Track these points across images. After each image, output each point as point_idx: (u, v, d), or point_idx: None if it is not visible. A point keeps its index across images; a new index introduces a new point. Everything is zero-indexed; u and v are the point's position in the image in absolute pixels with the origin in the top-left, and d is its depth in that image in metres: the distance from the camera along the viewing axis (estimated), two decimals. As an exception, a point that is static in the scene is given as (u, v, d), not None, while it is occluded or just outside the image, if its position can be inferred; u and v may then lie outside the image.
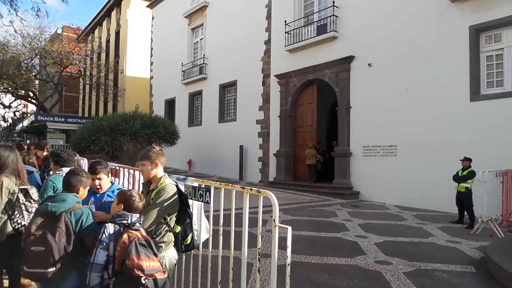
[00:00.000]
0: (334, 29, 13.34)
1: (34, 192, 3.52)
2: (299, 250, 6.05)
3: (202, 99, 20.84)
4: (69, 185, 2.78)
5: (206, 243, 3.21)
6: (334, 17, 13.34)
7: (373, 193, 12.07)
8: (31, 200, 3.48)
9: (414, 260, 5.74)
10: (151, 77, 26.10)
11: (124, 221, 2.48)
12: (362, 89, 12.55)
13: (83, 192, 2.88)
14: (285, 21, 15.05)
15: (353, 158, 12.74)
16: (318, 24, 14.08)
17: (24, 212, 3.45)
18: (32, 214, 3.29)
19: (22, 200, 3.44)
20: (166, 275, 2.43)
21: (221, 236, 2.95)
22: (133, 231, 2.44)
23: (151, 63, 26.21)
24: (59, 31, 39.27)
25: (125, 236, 2.40)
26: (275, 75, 15.61)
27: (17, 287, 3.74)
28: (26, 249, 2.47)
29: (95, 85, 34.08)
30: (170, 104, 24.05)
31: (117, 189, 3.38)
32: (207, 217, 3.19)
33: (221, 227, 2.93)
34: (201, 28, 21.43)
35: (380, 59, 12.08)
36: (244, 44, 17.62)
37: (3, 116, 44.84)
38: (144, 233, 2.51)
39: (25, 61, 30.76)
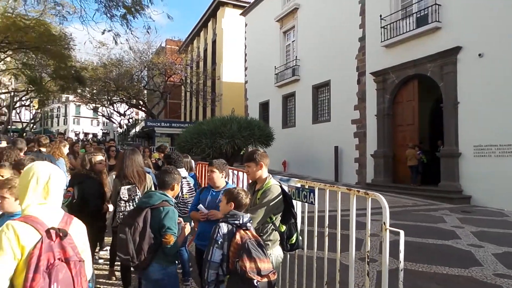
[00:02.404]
0: (437, 19, 12.30)
1: (124, 193, 3.89)
2: (404, 256, 5.69)
3: (295, 101, 20.95)
4: (164, 183, 3.00)
5: (311, 244, 3.23)
6: (436, 6, 12.30)
7: (488, 198, 10.80)
8: (121, 201, 3.89)
9: (544, 276, 5.00)
10: (246, 82, 27.09)
11: (236, 221, 2.58)
12: (472, 82, 11.34)
13: (177, 188, 3.10)
14: (381, 16, 14.35)
15: (462, 158, 11.57)
16: (418, 16, 13.13)
17: (117, 210, 3.91)
18: (121, 213, 3.81)
19: (119, 199, 3.90)
20: (276, 277, 2.49)
21: (327, 237, 2.94)
22: (245, 231, 2.54)
23: (245, 68, 27.21)
24: (163, 45, 43.13)
25: (238, 236, 2.49)
26: (371, 73, 14.99)
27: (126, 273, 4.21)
28: (118, 234, 2.79)
29: (195, 92, 36.65)
30: (264, 107, 24.67)
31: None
32: (311, 218, 3.21)
33: (327, 229, 2.93)
34: (293, 31, 21.58)
35: (492, 49, 10.78)
36: (337, 43, 17.26)
37: (119, 123, 50.83)
38: (254, 233, 2.60)
39: (136, 74, 34.57)
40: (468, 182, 11.40)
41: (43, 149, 5.63)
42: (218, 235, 2.53)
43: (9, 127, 32.43)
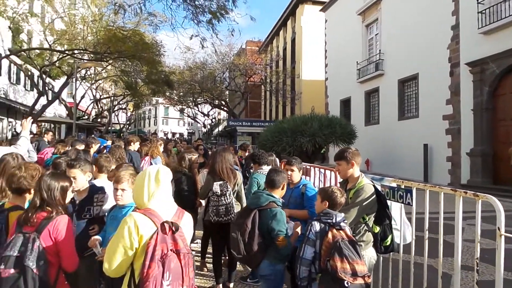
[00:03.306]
0: (549, -2, 10.80)
1: (216, 188, 4.07)
2: (510, 267, 5.11)
3: (379, 96, 20.02)
4: (273, 182, 3.02)
5: (407, 248, 3.05)
6: (549, -17, 10.80)
7: None
8: (214, 196, 4.07)
9: None
10: (326, 79, 26.62)
11: (329, 220, 2.54)
12: None
13: (285, 189, 3.11)
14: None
15: None
16: (525, -4, 11.65)
17: (210, 204, 4.11)
18: (214, 207, 4.03)
19: (212, 194, 4.10)
20: (370, 280, 2.40)
21: (427, 241, 2.75)
22: (338, 231, 2.49)
23: (326, 65, 26.74)
24: (244, 46, 44.31)
25: (329, 235, 2.46)
26: (466, 63, 13.67)
27: (234, 265, 4.39)
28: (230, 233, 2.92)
29: (274, 91, 37.07)
30: (346, 104, 24.00)
31: (303, 185, 3.55)
32: (409, 220, 3.03)
33: (427, 232, 2.74)
34: (376, 23, 20.64)
35: None
36: (425, 33, 16.07)
37: (204, 123, 53.57)
38: (349, 233, 2.54)
39: (218, 75, 36.07)
40: None
41: (130, 148, 6.22)
42: (311, 232, 2.53)
43: (109, 128, 36.08)
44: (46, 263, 2.13)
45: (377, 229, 2.94)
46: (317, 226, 2.54)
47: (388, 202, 3.02)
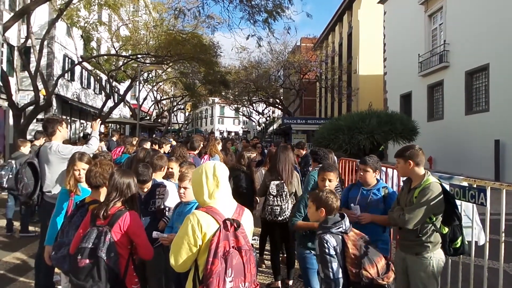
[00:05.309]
0: None
1: (273, 188, 4.07)
2: None
3: (443, 90, 18.86)
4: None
5: (480, 251, 2.85)
6: None
7: None
8: (270, 196, 4.09)
9: None
10: (385, 73, 25.62)
11: (340, 228, 2.37)
12: None
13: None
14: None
15: None
16: None
17: (266, 203, 4.15)
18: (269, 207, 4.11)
19: (268, 193, 4.12)
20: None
21: (502, 244, 2.55)
22: (351, 235, 2.37)
23: (384, 59, 25.74)
24: (298, 43, 43.97)
25: (350, 244, 2.31)
26: (545, 51, 12.45)
27: (292, 262, 4.43)
28: None
29: (330, 88, 36.36)
30: (406, 99, 22.92)
31: (383, 187, 3.39)
32: (482, 221, 2.83)
33: (503, 235, 2.54)
34: (440, 12, 19.43)
35: None
36: (498, 20, 14.78)
37: (258, 122, 54.07)
38: (356, 231, 2.45)
39: (273, 74, 36.17)
40: None
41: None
42: (330, 249, 2.30)
43: (169, 128, 37.65)
44: (116, 255, 2.29)
45: (446, 230, 2.79)
46: (332, 240, 2.33)
47: (458, 202, 2.84)
